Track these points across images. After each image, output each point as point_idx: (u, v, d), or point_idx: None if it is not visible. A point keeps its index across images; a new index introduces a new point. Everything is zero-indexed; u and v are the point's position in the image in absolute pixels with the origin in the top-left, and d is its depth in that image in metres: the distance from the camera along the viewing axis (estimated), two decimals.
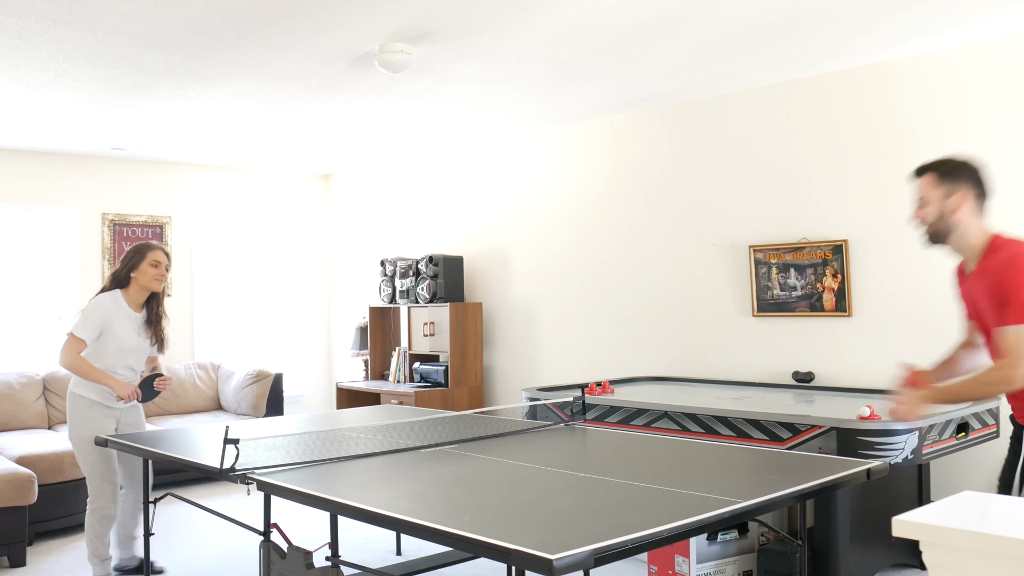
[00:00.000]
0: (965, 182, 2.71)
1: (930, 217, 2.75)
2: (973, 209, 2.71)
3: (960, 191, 2.70)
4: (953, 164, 2.74)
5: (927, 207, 2.75)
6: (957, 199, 2.70)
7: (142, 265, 4.22)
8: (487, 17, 3.98)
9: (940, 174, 2.73)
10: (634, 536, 2.01)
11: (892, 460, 3.51)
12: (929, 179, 2.75)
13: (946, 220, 2.72)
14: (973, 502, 1.73)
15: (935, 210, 2.73)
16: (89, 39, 4.18)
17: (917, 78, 4.66)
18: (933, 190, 2.74)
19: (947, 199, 2.71)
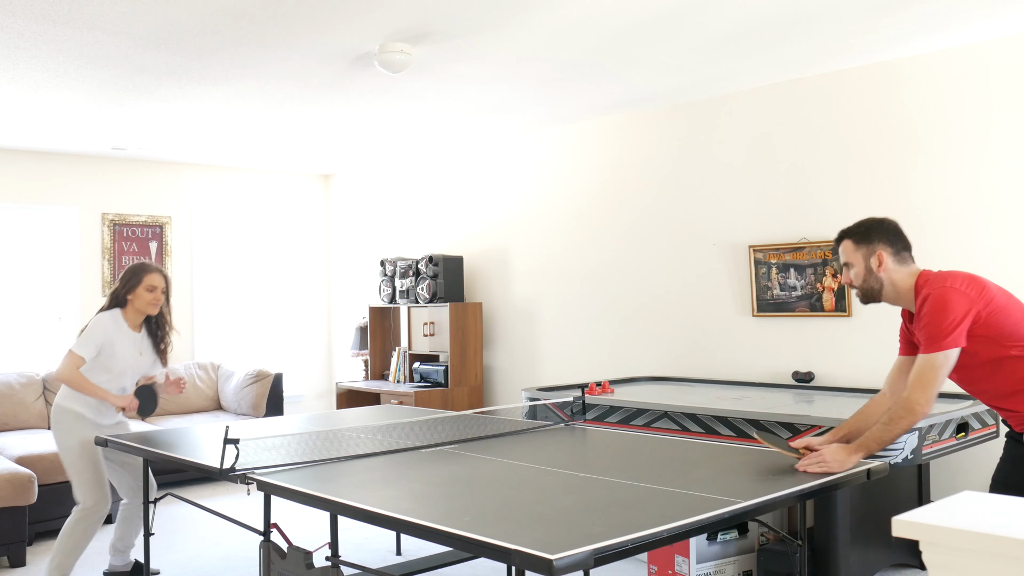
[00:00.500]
0: (880, 240, 2.83)
1: (857, 279, 2.87)
2: (894, 262, 2.82)
3: (878, 250, 2.81)
4: (866, 227, 2.87)
5: (852, 270, 2.87)
6: (877, 258, 2.82)
7: (138, 289, 4.18)
8: (487, 17, 3.98)
9: (856, 239, 2.86)
10: (634, 536, 2.01)
11: (892, 460, 3.51)
12: (848, 245, 2.88)
13: (872, 279, 2.84)
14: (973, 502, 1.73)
15: (860, 272, 2.85)
16: (89, 39, 4.18)
17: (917, 78, 4.66)
18: (853, 254, 2.87)
19: (868, 260, 2.83)
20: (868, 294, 2.86)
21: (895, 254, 2.83)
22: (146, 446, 3.69)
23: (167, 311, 4.35)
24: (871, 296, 2.86)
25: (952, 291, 2.66)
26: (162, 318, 4.34)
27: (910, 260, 2.86)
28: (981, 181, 4.44)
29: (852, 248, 2.87)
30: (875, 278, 2.83)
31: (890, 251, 2.83)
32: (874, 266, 2.82)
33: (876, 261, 2.81)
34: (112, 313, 4.18)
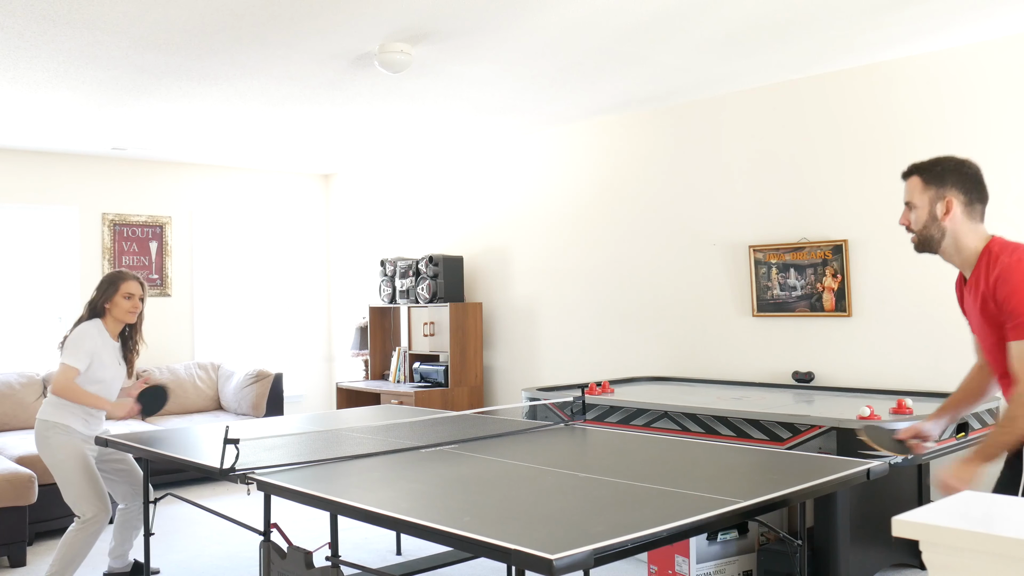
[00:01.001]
0: (954, 186, 2.50)
1: (917, 223, 2.56)
2: (964, 215, 2.51)
3: (949, 195, 2.50)
4: (942, 166, 2.53)
5: (914, 212, 2.57)
6: (945, 204, 2.50)
7: (115, 297, 4.14)
8: (487, 17, 3.98)
9: (927, 178, 2.54)
10: (634, 536, 2.01)
11: (892, 460, 3.51)
12: (916, 182, 2.56)
13: (934, 227, 2.53)
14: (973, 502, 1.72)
15: (922, 215, 2.54)
16: (89, 39, 4.18)
17: (917, 78, 4.66)
18: (920, 194, 2.54)
19: (935, 204, 2.52)
20: (925, 242, 2.55)
21: (967, 204, 2.51)
22: (146, 446, 3.69)
23: (140, 320, 4.28)
24: (927, 245, 2.55)
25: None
26: (135, 327, 4.27)
27: (981, 217, 2.53)
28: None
29: (920, 187, 2.54)
30: (938, 226, 2.52)
31: (963, 199, 2.50)
32: (939, 212, 2.50)
33: (943, 207, 2.50)
34: (95, 323, 4.13)
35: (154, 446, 3.69)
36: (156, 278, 7.70)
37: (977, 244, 2.51)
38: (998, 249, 2.46)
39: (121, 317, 4.16)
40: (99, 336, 4.11)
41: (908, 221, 2.57)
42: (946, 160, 2.53)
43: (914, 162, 2.58)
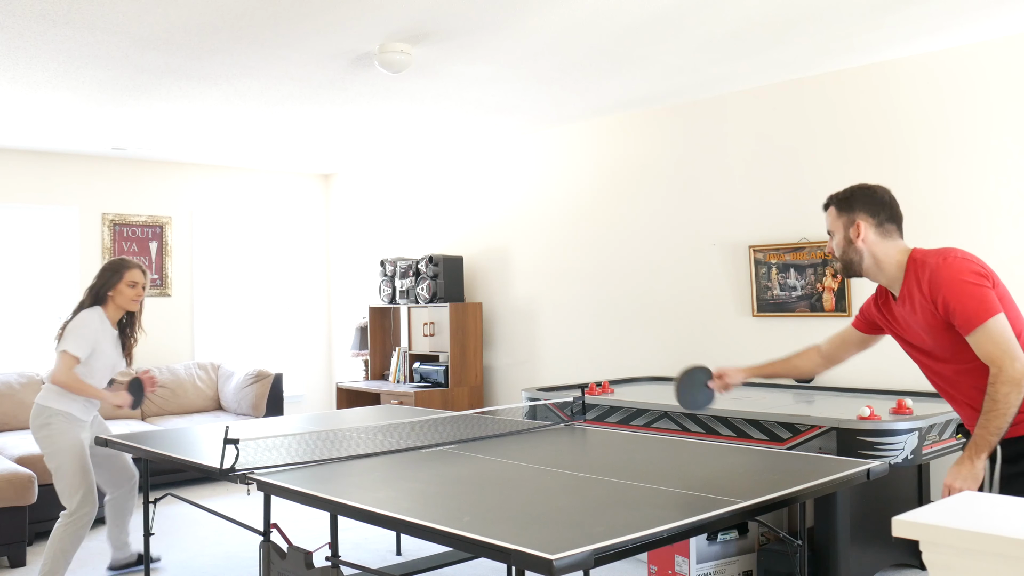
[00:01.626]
0: (862, 210, 2.65)
1: (837, 249, 2.71)
2: (877, 234, 2.64)
3: (858, 219, 2.64)
4: (851, 193, 2.69)
5: (833, 239, 2.72)
6: (856, 228, 2.65)
7: (119, 285, 4.13)
8: (487, 17, 3.98)
9: (838, 206, 2.70)
10: (634, 536, 2.01)
11: (892, 460, 3.51)
12: (831, 212, 2.72)
13: (851, 250, 2.67)
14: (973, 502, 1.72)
15: (839, 241, 2.69)
16: (89, 39, 4.18)
17: (917, 78, 4.66)
18: (835, 221, 2.71)
19: (848, 229, 2.66)
20: (847, 266, 2.70)
21: (877, 226, 2.64)
22: (146, 446, 3.69)
23: (141, 309, 4.30)
24: (850, 268, 2.69)
25: (962, 260, 2.49)
26: (135, 316, 4.27)
27: (897, 234, 2.66)
28: (981, 181, 4.44)
29: (834, 215, 2.71)
30: (854, 249, 2.66)
31: (871, 221, 2.64)
32: (853, 236, 2.65)
33: (855, 231, 2.64)
34: (96, 310, 4.12)
35: (154, 446, 3.69)
36: (156, 278, 7.70)
37: (898, 258, 2.62)
38: (921, 257, 2.56)
39: (124, 305, 4.15)
40: (100, 324, 4.10)
41: (831, 249, 2.73)
42: (856, 188, 2.69)
43: (831, 194, 2.74)
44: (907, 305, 2.59)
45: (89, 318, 4.07)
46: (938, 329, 2.52)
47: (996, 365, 2.39)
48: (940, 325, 2.50)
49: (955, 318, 2.44)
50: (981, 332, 2.41)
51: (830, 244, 2.74)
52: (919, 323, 2.57)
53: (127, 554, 4.47)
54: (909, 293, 2.57)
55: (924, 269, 2.51)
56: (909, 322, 2.62)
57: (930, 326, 2.53)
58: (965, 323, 2.43)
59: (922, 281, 2.51)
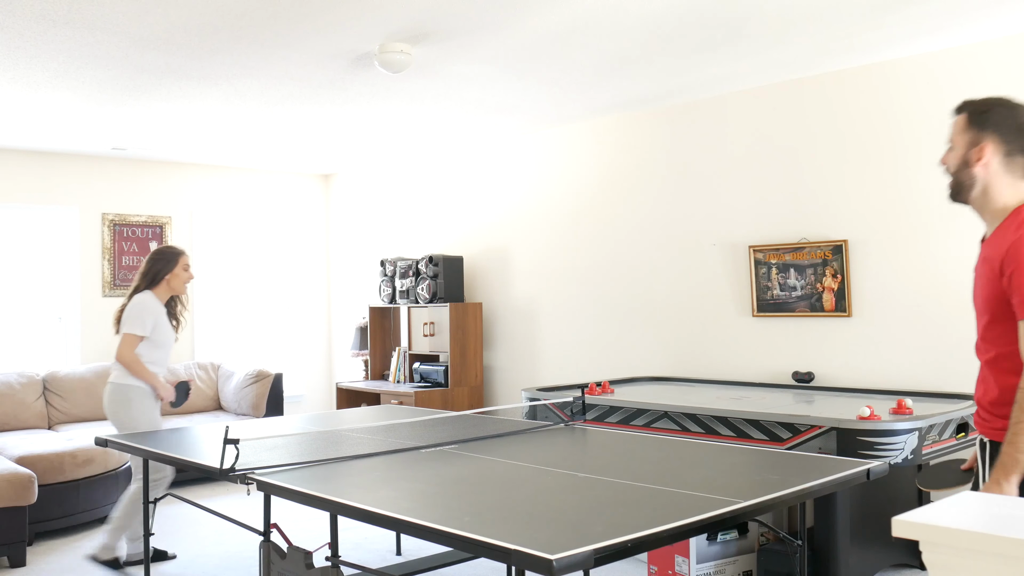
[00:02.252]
0: (995, 132, 2.23)
1: (951, 165, 2.31)
2: (1002, 165, 2.23)
3: (986, 141, 2.24)
4: (989, 108, 2.26)
5: (951, 152, 2.32)
6: (980, 150, 2.24)
7: (176, 269, 4.60)
8: (487, 17, 3.98)
9: (971, 118, 2.27)
10: (634, 536, 2.01)
11: (892, 460, 3.51)
12: (960, 121, 2.30)
13: (965, 173, 2.27)
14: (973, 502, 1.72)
15: (957, 158, 2.29)
16: (89, 39, 4.18)
17: (917, 78, 4.66)
18: (960, 134, 2.29)
19: (970, 148, 2.26)
20: (956, 189, 2.30)
21: (1007, 155, 2.23)
22: (146, 446, 3.69)
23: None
24: (958, 192, 2.30)
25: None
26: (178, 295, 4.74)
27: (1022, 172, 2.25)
28: None
29: (962, 126, 2.29)
30: (969, 173, 2.26)
31: (1001, 147, 2.23)
32: (973, 158, 2.25)
33: (978, 153, 2.24)
34: (147, 294, 4.56)
35: (154, 446, 3.69)
36: None
37: (1009, 201, 2.24)
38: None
39: (178, 288, 4.63)
40: (155, 304, 4.55)
41: (946, 162, 2.34)
42: (997, 103, 2.26)
43: (967, 99, 2.34)
44: (987, 250, 2.27)
45: (144, 299, 4.52)
46: (992, 297, 2.21)
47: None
48: (993, 289, 2.20)
49: (1016, 293, 2.12)
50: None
51: (946, 155, 2.34)
52: (983, 275, 2.26)
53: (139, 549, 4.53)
54: (996, 241, 2.23)
55: (1018, 229, 2.16)
56: (981, 269, 2.30)
57: (985, 284, 2.24)
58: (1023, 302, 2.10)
59: (1007, 237, 2.17)
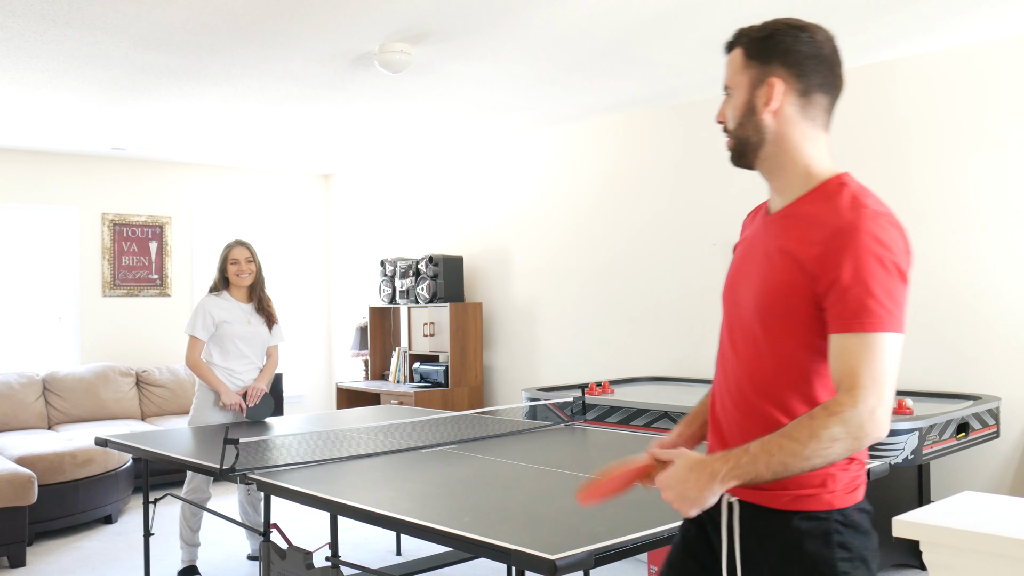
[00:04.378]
0: (782, 62, 1.58)
1: (732, 118, 1.63)
2: (800, 107, 1.59)
3: (776, 75, 1.58)
4: (771, 30, 1.60)
5: (729, 101, 1.64)
6: (768, 90, 1.58)
7: (225, 265, 4.60)
8: (487, 17, 3.98)
9: (749, 47, 1.61)
10: (634, 536, 2.01)
11: (892, 460, 3.51)
12: (736, 57, 1.64)
13: (750, 124, 1.60)
14: (973, 502, 1.73)
15: (739, 105, 1.61)
16: (89, 39, 4.18)
17: (916, 78, 4.66)
18: (739, 73, 1.62)
19: (756, 88, 1.59)
20: (740, 147, 1.63)
21: (802, 93, 1.59)
22: (146, 446, 3.69)
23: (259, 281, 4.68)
24: (743, 151, 1.63)
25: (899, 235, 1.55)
26: (254, 287, 4.66)
27: (824, 118, 1.64)
28: (979, 180, 4.44)
29: (740, 62, 1.62)
30: (755, 124, 1.60)
31: (795, 84, 1.58)
32: (760, 102, 1.59)
33: (765, 95, 1.58)
34: (207, 296, 4.60)
35: (154, 446, 3.69)
36: (156, 278, 7.70)
37: (814, 162, 1.63)
38: (854, 193, 1.58)
39: (234, 281, 4.59)
40: (213, 304, 4.53)
41: (723, 116, 1.67)
42: (783, 24, 1.61)
43: (741, 28, 1.66)
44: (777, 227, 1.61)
45: (202, 300, 4.56)
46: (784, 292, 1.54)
47: (851, 392, 1.43)
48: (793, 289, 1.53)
49: (841, 303, 1.47)
50: (867, 341, 1.45)
51: (723, 107, 1.67)
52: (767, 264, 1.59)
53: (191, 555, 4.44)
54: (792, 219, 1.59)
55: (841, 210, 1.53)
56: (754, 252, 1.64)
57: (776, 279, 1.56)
58: (852, 317, 1.45)
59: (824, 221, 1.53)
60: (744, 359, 1.63)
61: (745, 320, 1.63)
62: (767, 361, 1.58)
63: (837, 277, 1.47)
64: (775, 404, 1.57)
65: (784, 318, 1.55)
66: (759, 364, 1.60)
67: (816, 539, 1.51)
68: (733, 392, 1.64)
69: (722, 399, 1.68)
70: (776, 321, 1.56)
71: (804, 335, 1.54)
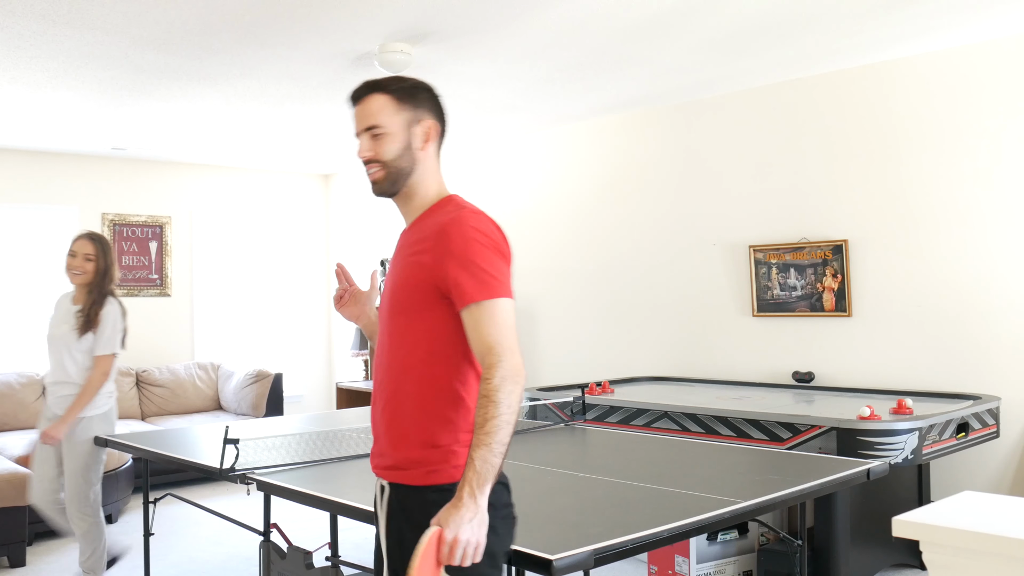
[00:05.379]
0: (430, 111, 1.98)
1: (390, 151, 1.93)
2: (436, 148, 2.00)
3: (427, 120, 1.96)
4: (411, 84, 1.98)
5: (384, 138, 1.93)
6: (425, 131, 1.96)
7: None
8: (487, 17, 3.98)
9: (398, 96, 1.95)
10: (634, 536, 2.01)
11: (892, 460, 3.51)
12: (385, 101, 1.94)
13: (406, 157, 1.94)
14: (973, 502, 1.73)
15: (399, 141, 1.93)
16: (89, 39, 4.18)
17: (916, 78, 4.66)
18: (394, 115, 1.93)
19: (412, 128, 1.94)
20: (394, 177, 1.94)
21: (439, 136, 2.00)
22: (146, 446, 3.69)
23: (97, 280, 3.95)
24: (396, 180, 1.94)
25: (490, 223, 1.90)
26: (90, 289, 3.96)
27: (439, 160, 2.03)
28: (978, 180, 4.44)
29: (392, 107, 1.94)
30: (410, 157, 1.94)
31: (438, 131, 1.99)
32: (418, 141, 1.95)
33: (423, 134, 1.95)
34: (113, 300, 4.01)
35: (154, 446, 3.69)
36: (156, 278, 7.70)
37: (440, 188, 1.99)
38: (458, 202, 1.95)
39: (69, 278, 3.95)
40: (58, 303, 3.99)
41: (374, 153, 1.93)
42: (418, 81, 2.00)
43: (371, 80, 1.98)
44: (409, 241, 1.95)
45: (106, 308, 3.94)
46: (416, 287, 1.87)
47: (495, 354, 1.73)
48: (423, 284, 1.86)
49: (461, 284, 1.79)
50: (489, 308, 1.77)
51: (366, 145, 1.94)
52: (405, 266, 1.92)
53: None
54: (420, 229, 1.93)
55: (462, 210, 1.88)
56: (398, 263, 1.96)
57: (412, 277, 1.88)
58: (474, 289, 1.78)
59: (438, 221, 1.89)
60: None
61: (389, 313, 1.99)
62: None
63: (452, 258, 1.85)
64: None
65: None
66: None
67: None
68: None
69: None
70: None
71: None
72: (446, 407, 1.83)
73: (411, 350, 1.86)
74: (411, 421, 1.84)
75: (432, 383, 1.84)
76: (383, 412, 1.91)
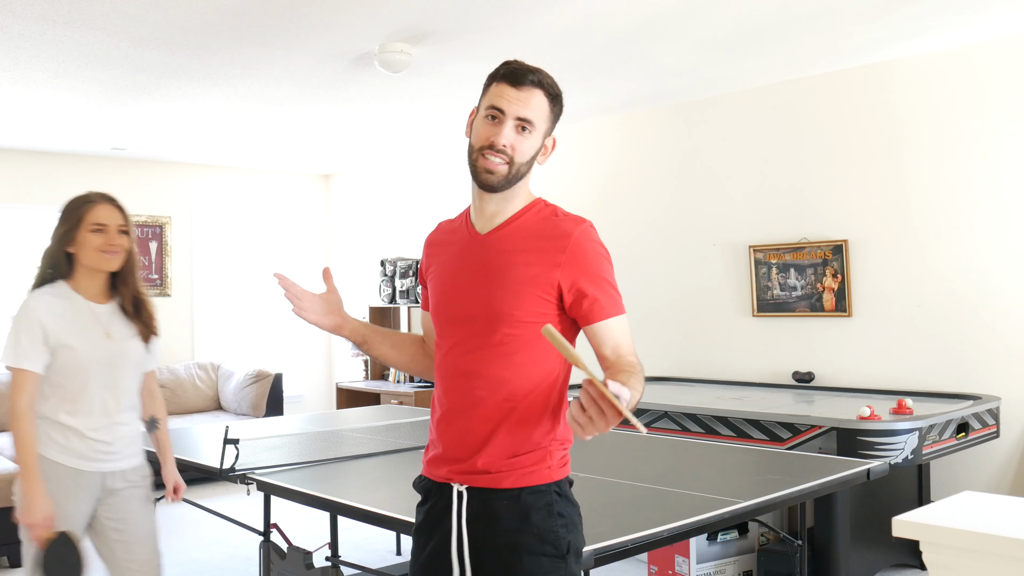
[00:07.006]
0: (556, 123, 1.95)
1: (527, 154, 1.89)
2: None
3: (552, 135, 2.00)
4: (561, 94, 1.97)
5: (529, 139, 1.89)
6: (551, 143, 1.99)
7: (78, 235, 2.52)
8: (487, 17, 3.98)
9: (553, 103, 1.93)
10: (634, 536, 2.01)
11: (892, 460, 3.51)
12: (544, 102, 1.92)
13: (532, 163, 1.94)
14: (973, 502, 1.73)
15: (535, 148, 1.91)
16: (89, 39, 4.18)
17: (916, 78, 4.66)
18: (544, 121, 1.92)
19: (547, 137, 1.96)
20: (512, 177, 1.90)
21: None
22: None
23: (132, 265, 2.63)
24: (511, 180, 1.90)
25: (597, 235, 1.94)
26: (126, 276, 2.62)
27: None
28: (978, 180, 4.44)
29: (547, 111, 1.92)
30: (531, 164, 1.93)
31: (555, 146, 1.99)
32: (544, 150, 1.97)
33: (548, 148, 1.98)
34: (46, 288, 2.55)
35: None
36: (156, 278, 7.70)
37: (529, 192, 2.00)
38: (554, 207, 1.96)
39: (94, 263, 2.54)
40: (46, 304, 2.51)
41: (511, 143, 1.87)
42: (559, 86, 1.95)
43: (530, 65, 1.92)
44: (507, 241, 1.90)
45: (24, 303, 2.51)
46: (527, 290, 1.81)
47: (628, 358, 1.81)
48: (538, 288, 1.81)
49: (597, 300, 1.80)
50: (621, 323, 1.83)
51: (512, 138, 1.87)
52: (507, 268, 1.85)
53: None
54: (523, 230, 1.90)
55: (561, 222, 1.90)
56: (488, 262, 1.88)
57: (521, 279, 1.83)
58: (609, 306, 1.80)
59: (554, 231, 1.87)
60: None
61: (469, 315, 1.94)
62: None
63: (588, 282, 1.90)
64: None
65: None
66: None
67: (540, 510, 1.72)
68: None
69: None
70: None
71: None
72: (551, 409, 1.80)
73: (517, 353, 1.79)
74: (513, 425, 1.76)
75: (540, 386, 1.79)
76: (469, 418, 1.79)
